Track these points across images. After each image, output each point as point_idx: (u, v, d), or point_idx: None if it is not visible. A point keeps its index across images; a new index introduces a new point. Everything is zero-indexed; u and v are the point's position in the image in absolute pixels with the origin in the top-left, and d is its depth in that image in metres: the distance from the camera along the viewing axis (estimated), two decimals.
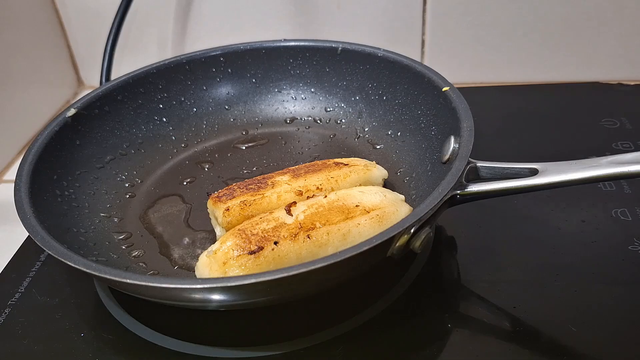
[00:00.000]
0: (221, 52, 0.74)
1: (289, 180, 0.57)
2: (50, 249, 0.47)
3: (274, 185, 0.56)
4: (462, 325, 0.50)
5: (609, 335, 0.48)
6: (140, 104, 0.72)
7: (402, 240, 0.46)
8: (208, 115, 0.75)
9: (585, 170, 0.48)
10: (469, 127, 0.54)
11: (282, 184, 0.57)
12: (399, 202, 0.54)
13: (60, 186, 0.60)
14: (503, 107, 0.80)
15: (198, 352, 0.49)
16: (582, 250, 0.56)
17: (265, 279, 0.41)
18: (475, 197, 0.51)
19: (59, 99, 0.95)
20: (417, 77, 0.64)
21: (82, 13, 0.93)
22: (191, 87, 0.75)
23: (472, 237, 0.59)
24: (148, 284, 0.43)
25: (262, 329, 0.51)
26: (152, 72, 0.72)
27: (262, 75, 0.76)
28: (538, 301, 0.51)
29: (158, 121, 0.73)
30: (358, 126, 0.72)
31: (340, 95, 0.73)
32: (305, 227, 0.49)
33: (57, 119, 0.63)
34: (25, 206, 0.52)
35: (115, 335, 0.52)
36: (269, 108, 0.76)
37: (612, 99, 0.80)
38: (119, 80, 0.70)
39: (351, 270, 0.47)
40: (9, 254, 0.62)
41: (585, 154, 0.67)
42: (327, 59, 0.72)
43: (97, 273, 0.44)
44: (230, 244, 0.48)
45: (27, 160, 0.58)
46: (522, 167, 0.51)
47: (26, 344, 0.52)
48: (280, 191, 0.56)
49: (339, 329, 0.50)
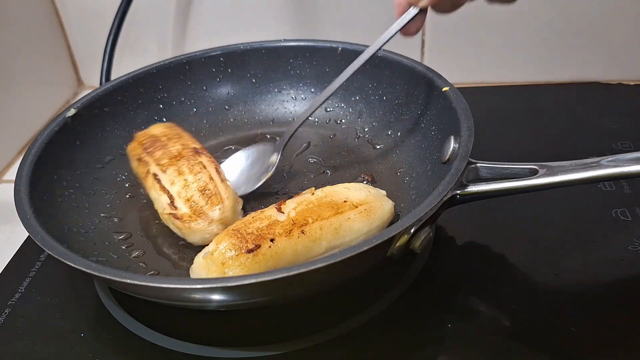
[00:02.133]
0: (221, 52, 0.74)
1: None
2: (51, 249, 0.47)
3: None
4: (462, 325, 0.50)
5: (609, 335, 0.48)
6: (140, 104, 0.72)
7: (402, 240, 0.46)
8: (208, 115, 0.75)
9: (585, 170, 0.48)
10: (468, 127, 0.54)
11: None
12: (382, 197, 0.55)
13: (60, 186, 0.60)
14: (503, 107, 0.80)
15: (198, 352, 0.49)
16: (582, 250, 0.56)
17: (267, 278, 0.41)
18: (475, 197, 0.51)
19: (59, 99, 0.95)
20: (418, 77, 0.64)
21: (82, 13, 0.93)
22: (191, 87, 0.75)
23: (471, 236, 0.59)
24: (148, 284, 0.43)
25: (262, 329, 0.51)
26: (152, 72, 0.72)
27: (262, 76, 0.76)
28: (538, 301, 0.51)
29: (158, 121, 0.72)
30: (358, 126, 0.72)
31: (340, 95, 0.73)
32: (298, 223, 0.50)
33: (57, 119, 0.63)
34: (25, 206, 0.52)
35: (115, 335, 0.52)
36: (269, 108, 0.76)
37: (612, 99, 0.80)
38: (118, 81, 0.70)
39: (351, 270, 0.47)
40: (9, 254, 0.62)
41: (586, 154, 0.67)
42: (327, 59, 0.72)
43: (97, 273, 0.44)
44: (227, 244, 0.49)
45: (27, 161, 0.58)
46: (522, 167, 0.51)
47: (26, 344, 0.52)
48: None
49: (339, 329, 0.50)
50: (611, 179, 0.49)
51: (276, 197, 0.63)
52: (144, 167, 0.61)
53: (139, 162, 0.62)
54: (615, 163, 0.47)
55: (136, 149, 0.64)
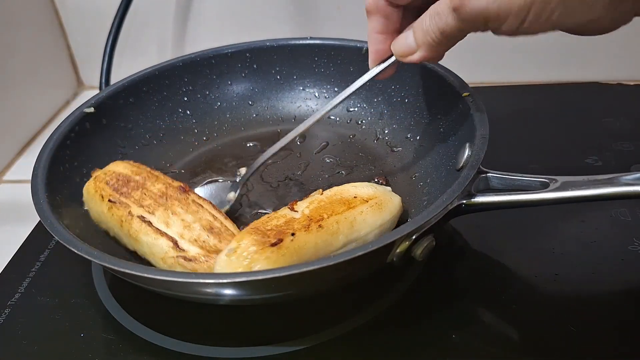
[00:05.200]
0: (247, 48, 0.74)
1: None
2: (72, 245, 0.47)
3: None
4: (461, 324, 0.50)
5: (609, 335, 0.48)
6: (165, 95, 0.72)
7: (403, 246, 0.45)
8: (231, 110, 0.76)
9: (598, 187, 0.46)
10: (482, 136, 0.52)
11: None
12: (389, 192, 0.56)
13: (80, 173, 0.61)
14: (502, 107, 0.80)
15: (198, 352, 0.49)
16: (582, 250, 0.56)
17: (284, 274, 0.42)
18: (482, 208, 0.49)
19: (59, 99, 0.95)
20: (439, 81, 0.63)
21: (82, 14, 0.93)
22: (216, 82, 0.75)
23: (470, 236, 0.59)
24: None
25: (262, 329, 0.51)
26: (178, 64, 0.73)
27: (287, 73, 0.76)
28: (538, 301, 0.51)
29: (182, 114, 0.73)
30: (378, 128, 0.71)
31: (362, 95, 0.73)
32: (315, 218, 0.50)
33: (81, 107, 0.64)
34: (40, 192, 0.53)
35: (115, 335, 0.52)
36: (291, 105, 0.76)
37: (612, 99, 0.79)
38: (144, 72, 0.71)
39: (353, 273, 0.47)
40: (9, 254, 0.62)
41: (586, 154, 0.68)
42: (352, 59, 0.72)
43: (124, 270, 0.44)
44: (249, 241, 0.49)
45: (48, 146, 0.58)
46: (534, 179, 0.50)
47: (26, 345, 0.52)
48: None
49: (339, 329, 0.50)
50: (624, 198, 0.46)
51: (290, 197, 0.63)
52: (122, 210, 0.55)
53: (111, 205, 0.55)
54: (630, 182, 0.46)
55: (102, 190, 0.57)
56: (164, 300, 0.52)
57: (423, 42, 0.48)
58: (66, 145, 0.61)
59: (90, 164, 0.62)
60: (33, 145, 0.86)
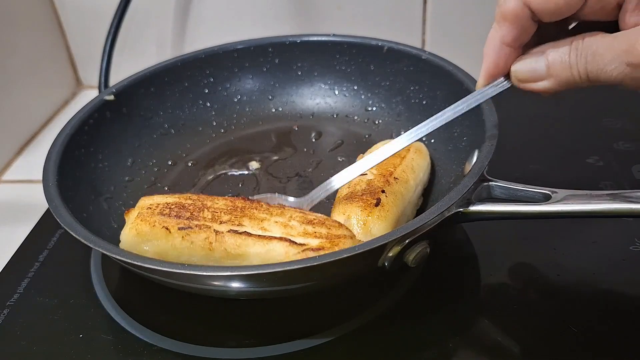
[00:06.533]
0: (270, 43, 0.75)
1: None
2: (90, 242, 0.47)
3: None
4: (461, 324, 0.50)
5: (609, 335, 0.48)
6: (186, 87, 0.73)
7: (395, 250, 0.44)
8: (251, 103, 0.76)
9: (599, 203, 0.45)
10: (490, 144, 0.51)
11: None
12: (416, 142, 0.57)
13: (95, 159, 0.62)
14: (502, 108, 0.80)
15: (197, 353, 0.49)
16: (582, 250, 0.56)
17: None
18: (479, 217, 0.48)
19: (58, 99, 0.95)
20: (456, 84, 0.62)
21: (81, 13, 0.93)
22: (238, 75, 0.76)
23: (470, 236, 0.59)
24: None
25: (262, 329, 0.51)
26: (200, 57, 0.73)
27: (308, 69, 0.76)
28: (537, 301, 0.51)
29: (202, 105, 0.74)
30: (394, 128, 0.71)
31: (382, 95, 0.73)
32: (386, 174, 0.56)
33: (101, 94, 0.65)
34: (51, 175, 0.54)
35: (114, 336, 0.52)
36: (310, 102, 0.76)
37: (612, 99, 0.79)
38: (166, 63, 0.72)
39: (341, 274, 0.47)
40: (8, 254, 0.62)
41: (586, 154, 0.67)
42: (373, 57, 0.72)
43: (148, 265, 0.44)
44: (356, 207, 0.52)
45: (65, 131, 0.60)
46: (536, 191, 0.49)
47: (25, 345, 0.51)
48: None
49: (339, 329, 0.50)
50: (627, 216, 0.45)
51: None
52: (203, 233, 0.48)
53: (185, 233, 0.48)
54: (633, 199, 0.44)
55: (162, 222, 0.49)
56: (163, 301, 0.52)
57: (559, 74, 0.43)
58: (84, 131, 0.62)
59: (107, 149, 0.64)
60: (32, 145, 0.86)
